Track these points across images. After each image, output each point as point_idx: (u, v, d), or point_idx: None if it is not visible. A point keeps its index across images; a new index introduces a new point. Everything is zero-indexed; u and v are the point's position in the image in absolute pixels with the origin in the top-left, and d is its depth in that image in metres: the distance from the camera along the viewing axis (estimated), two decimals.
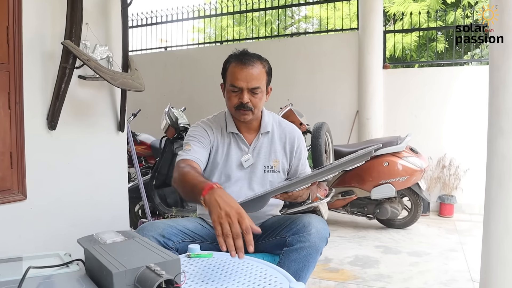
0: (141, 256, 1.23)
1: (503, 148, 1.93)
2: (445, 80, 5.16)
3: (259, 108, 1.84)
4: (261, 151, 1.91)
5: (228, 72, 1.83)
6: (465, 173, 5.01)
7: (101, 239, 1.41)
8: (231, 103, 1.83)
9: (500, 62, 1.93)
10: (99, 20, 2.78)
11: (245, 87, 1.77)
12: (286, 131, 1.97)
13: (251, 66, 1.77)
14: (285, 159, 1.94)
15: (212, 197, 1.37)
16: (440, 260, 3.38)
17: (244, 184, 1.89)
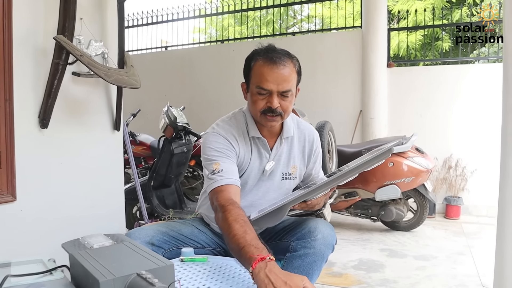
0: (131, 262, 1.13)
1: None
2: (452, 79, 5.05)
3: (288, 113, 1.64)
4: (282, 157, 1.73)
5: (253, 72, 1.59)
6: (472, 174, 4.90)
7: (87, 243, 1.30)
8: (257, 107, 1.59)
9: None
10: (94, 15, 2.69)
11: (275, 90, 1.55)
12: (305, 133, 1.80)
13: (282, 65, 1.55)
14: (302, 164, 1.79)
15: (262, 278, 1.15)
16: (447, 264, 3.26)
17: (260, 192, 1.72)
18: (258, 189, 1.72)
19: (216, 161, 1.58)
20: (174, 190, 3.84)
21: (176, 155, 3.63)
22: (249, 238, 1.29)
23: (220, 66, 6.21)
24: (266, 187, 1.73)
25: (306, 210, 1.65)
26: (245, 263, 1.24)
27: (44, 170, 2.37)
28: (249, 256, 1.23)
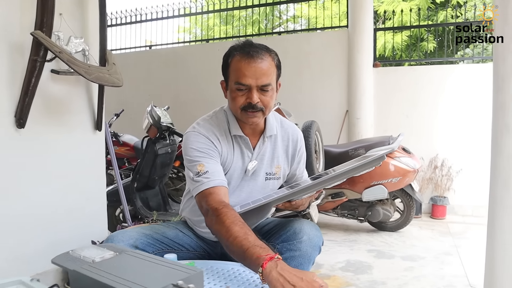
0: (156, 274, 1.01)
1: (509, 145, 1.79)
2: (437, 79, 5.06)
3: (270, 108, 1.56)
4: (265, 157, 1.66)
5: (231, 68, 1.54)
6: (458, 174, 4.91)
7: (84, 257, 1.14)
8: (237, 104, 1.53)
9: (505, 52, 1.79)
10: (74, 11, 2.60)
11: (254, 84, 1.48)
12: (288, 132, 1.73)
13: (260, 59, 1.49)
14: (286, 164, 1.73)
15: (274, 277, 1.12)
16: (435, 264, 3.24)
17: (244, 193, 1.65)
18: (242, 190, 1.65)
19: (200, 162, 1.51)
20: (158, 191, 3.75)
21: (160, 156, 3.54)
22: (252, 239, 1.24)
23: (205, 66, 6.13)
24: (249, 188, 1.65)
25: (290, 210, 1.60)
26: (252, 264, 1.19)
27: (21, 172, 2.28)
28: (256, 256, 1.18)
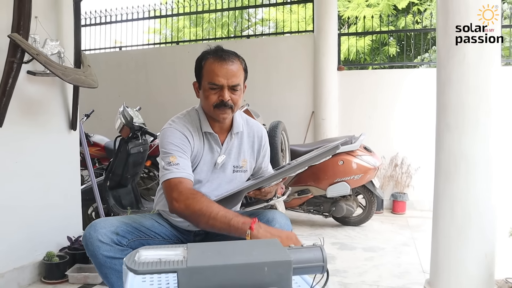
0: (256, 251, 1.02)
1: (450, 143, 2.02)
2: (397, 82, 5.34)
3: (238, 106, 1.74)
4: (232, 151, 1.83)
5: (205, 70, 1.70)
6: (416, 171, 5.20)
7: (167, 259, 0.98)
8: (210, 102, 1.69)
9: (445, 61, 2.02)
10: (50, 14, 2.70)
11: (225, 84, 1.66)
12: (253, 129, 1.91)
13: (231, 62, 1.68)
14: (252, 158, 1.90)
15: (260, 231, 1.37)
16: (393, 254, 3.48)
17: (214, 185, 1.80)
18: (212, 182, 1.81)
19: (173, 154, 1.65)
20: (131, 189, 3.85)
21: (133, 155, 3.64)
22: (232, 212, 1.47)
23: (176, 67, 6.24)
24: (219, 180, 1.82)
25: (259, 197, 1.77)
26: (239, 229, 1.40)
27: None
28: (242, 222, 1.40)
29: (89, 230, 1.58)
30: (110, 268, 1.55)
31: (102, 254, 1.54)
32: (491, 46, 1.94)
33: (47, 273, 2.60)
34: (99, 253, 1.54)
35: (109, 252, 1.54)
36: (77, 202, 2.96)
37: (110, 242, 1.55)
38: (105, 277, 1.58)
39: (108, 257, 1.54)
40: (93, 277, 2.60)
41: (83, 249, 2.80)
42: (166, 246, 1.07)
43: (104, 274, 1.57)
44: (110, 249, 1.55)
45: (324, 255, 1.06)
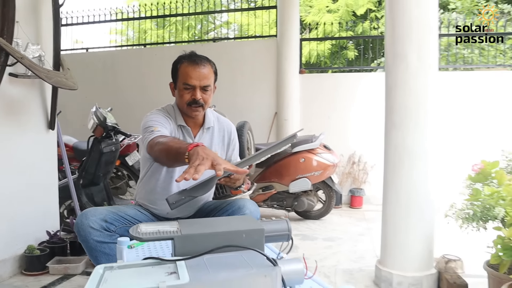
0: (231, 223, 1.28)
1: (396, 139, 2.34)
2: (354, 85, 5.70)
3: (208, 104, 2.00)
4: (204, 144, 2.08)
5: (180, 72, 1.96)
6: (372, 168, 5.56)
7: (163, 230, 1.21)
8: (183, 100, 1.95)
9: (392, 67, 2.34)
10: (30, 19, 2.83)
11: (197, 85, 1.92)
12: (224, 125, 2.18)
13: (202, 66, 1.93)
14: (223, 151, 2.16)
15: (195, 150, 1.48)
16: (350, 243, 3.80)
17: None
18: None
19: (155, 126, 1.88)
20: (103, 187, 3.99)
21: (105, 154, 3.79)
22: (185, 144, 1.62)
23: (143, 69, 6.37)
24: None
25: (229, 184, 1.97)
26: (182, 152, 1.54)
27: None
28: (185, 146, 1.55)
29: (81, 218, 1.77)
30: (100, 252, 1.75)
31: (93, 239, 1.74)
32: (429, 57, 2.27)
33: (28, 266, 2.74)
34: (90, 238, 1.74)
35: (99, 237, 1.75)
36: (55, 198, 3.11)
37: (100, 228, 1.75)
38: (96, 260, 1.78)
39: (99, 242, 1.74)
40: (73, 267, 2.76)
41: (61, 242, 2.96)
42: (159, 222, 1.30)
43: (94, 257, 1.77)
44: (100, 235, 1.75)
45: (289, 226, 1.31)
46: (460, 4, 8.45)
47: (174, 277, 0.97)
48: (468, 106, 5.28)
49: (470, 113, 5.26)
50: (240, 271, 1.00)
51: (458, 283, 2.28)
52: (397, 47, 2.29)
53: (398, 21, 2.27)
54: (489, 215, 1.93)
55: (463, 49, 6.32)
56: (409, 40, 2.25)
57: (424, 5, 2.22)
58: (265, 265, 1.04)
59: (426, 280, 2.37)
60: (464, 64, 6.20)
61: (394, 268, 2.43)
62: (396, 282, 2.40)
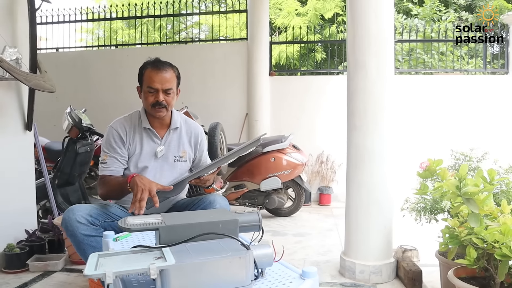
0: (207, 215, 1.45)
1: (356, 139, 2.56)
2: (321, 87, 5.95)
3: (171, 105, 2.19)
4: (172, 144, 2.25)
5: (144, 76, 2.15)
6: (339, 167, 5.80)
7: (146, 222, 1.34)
8: (148, 102, 2.14)
9: (353, 74, 2.55)
10: (6, 22, 2.90)
11: (160, 88, 2.10)
12: (191, 127, 2.35)
13: (164, 71, 2.12)
14: (191, 150, 2.33)
15: (133, 180, 1.83)
16: (319, 237, 4.01)
17: (158, 171, 2.21)
18: (156, 169, 2.22)
19: (105, 154, 2.16)
20: (78, 187, 4.06)
21: (80, 154, 3.87)
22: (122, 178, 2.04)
23: (115, 69, 6.42)
24: (161, 167, 2.23)
25: (200, 185, 2.18)
26: (124, 184, 1.93)
27: None
28: (124, 180, 1.93)
29: (68, 214, 1.90)
30: (88, 245, 1.88)
31: (80, 232, 1.87)
32: (386, 65, 2.49)
33: (8, 264, 2.81)
34: (78, 232, 1.87)
35: (85, 231, 1.88)
36: (32, 198, 3.18)
37: (86, 222, 1.89)
38: (83, 253, 1.91)
39: (85, 235, 1.88)
40: (52, 264, 2.85)
41: (39, 241, 3.04)
42: (144, 215, 1.46)
43: (82, 250, 1.90)
44: (87, 228, 1.88)
45: (260, 217, 1.49)
46: (421, 11, 8.85)
47: (161, 260, 1.13)
48: (427, 108, 5.61)
49: (428, 115, 5.60)
50: (218, 254, 1.17)
51: (414, 270, 2.51)
52: (357, 56, 2.51)
53: (358, 33, 2.49)
54: (437, 208, 2.16)
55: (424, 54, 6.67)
56: (368, 50, 2.47)
57: (381, 19, 2.44)
58: (240, 249, 1.21)
59: (385, 268, 2.60)
60: (425, 68, 6.54)
61: (357, 258, 2.65)
62: (359, 271, 2.62)
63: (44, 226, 3.33)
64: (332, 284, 2.67)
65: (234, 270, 1.16)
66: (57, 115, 5.40)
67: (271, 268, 1.37)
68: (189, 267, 1.11)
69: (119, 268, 1.08)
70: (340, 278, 2.76)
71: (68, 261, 3.01)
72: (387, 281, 2.61)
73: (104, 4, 6.97)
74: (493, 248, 1.74)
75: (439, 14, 8.82)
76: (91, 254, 1.21)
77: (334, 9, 9.51)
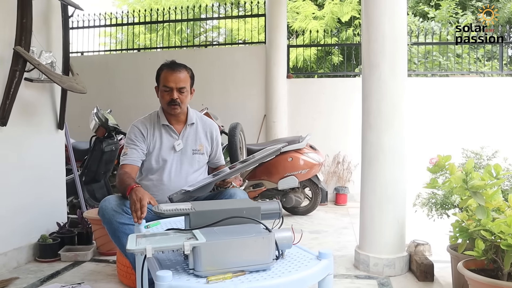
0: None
1: (371, 137, 2.68)
2: (338, 89, 6.06)
3: (185, 103, 2.38)
4: (189, 138, 2.44)
5: (161, 77, 2.35)
6: (356, 168, 5.90)
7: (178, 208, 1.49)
8: (164, 100, 2.34)
9: (367, 75, 2.68)
10: (42, 29, 3.11)
11: (174, 87, 2.30)
12: (206, 123, 2.54)
13: (179, 71, 2.32)
14: (207, 144, 2.51)
15: (131, 193, 1.96)
16: (335, 235, 4.12)
17: (178, 164, 2.40)
18: (176, 162, 2.40)
19: (127, 147, 2.34)
20: (104, 184, 4.27)
21: (106, 153, 4.07)
22: (129, 181, 2.09)
23: (138, 72, 6.63)
24: (180, 160, 2.41)
25: (224, 186, 2.35)
26: (124, 192, 2.04)
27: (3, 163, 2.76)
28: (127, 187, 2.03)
29: (104, 203, 2.07)
30: (122, 232, 2.04)
31: (116, 220, 2.03)
32: (399, 67, 2.61)
33: (41, 253, 3.01)
34: (114, 220, 2.03)
35: (121, 219, 2.04)
36: (63, 192, 3.38)
37: (121, 211, 2.05)
38: (118, 239, 2.06)
39: (120, 223, 2.03)
40: (82, 255, 3.03)
41: (70, 233, 3.23)
42: (175, 203, 1.61)
43: (117, 237, 2.06)
44: (122, 217, 2.04)
45: (280, 206, 1.63)
46: (437, 13, 8.88)
47: (193, 240, 1.28)
48: (442, 110, 5.67)
49: (444, 116, 5.66)
50: (243, 235, 1.31)
51: (426, 263, 2.61)
52: (371, 57, 2.64)
53: (372, 35, 2.62)
54: (448, 203, 2.26)
55: (440, 57, 6.73)
56: (382, 52, 2.59)
57: (394, 22, 2.56)
58: (262, 232, 1.35)
59: (398, 261, 2.71)
60: (441, 70, 6.60)
61: (371, 252, 2.76)
62: (373, 264, 2.73)
63: (73, 220, 3.52)
64: (347, 276, 2.79)
65: (258, 249, 1.30)
66: (82, 117, 5.64)
67: (289, 251, 1.50)
68: (218, 245, 1.25)
69: (157, 244, 1.23)
70: (354, 271, 2.88)
71: (96, 252, 3.19)
72: (400, 274, 2.72)
73: (125, 10, 7.18)
74: (500, 240, 1.84)
75: (455, 17, 8.84)
76: (130, 235, 1.36)
77: (351, 12, 9.59)
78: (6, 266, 2.77)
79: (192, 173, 2.42)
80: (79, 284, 2.55)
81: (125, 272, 2.56)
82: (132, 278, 2.48)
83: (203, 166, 2.52)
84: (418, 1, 9.94)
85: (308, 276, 1.30)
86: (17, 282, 2.61)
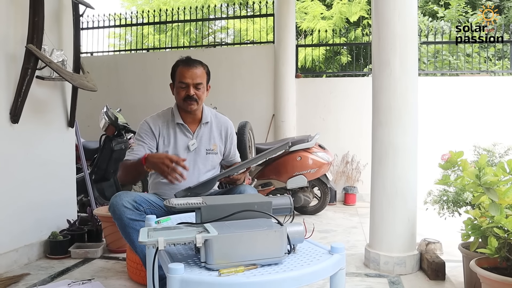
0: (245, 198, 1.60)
1: (381, 134, 2.67)
2: (346, 89, 6.04)
3: (202, 99, 2.34)
4: (203, 137, 2.41)
5: (177, 73, 2.32)
6: (365, 167, 5.87)
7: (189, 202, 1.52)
8: (180, 96, 2.30)
9: (378, 73, 2.66)
10: (53, 27, 3.13)
11: (191, 83, 2.26)
12: (221, 121, 2.50)
13: (195, 67, 2.29)
14: (221, 143, 2.48)
15: (148, 161, 2.05)
16: (344, 234, 4.11)
17: (191, 163, 2.36)
18: (190, 161, 2.36)
19: (134, 142, 2.34)
20: (113, 183, 4.29)
21: (116, 151, 4.09)
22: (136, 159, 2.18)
23: (147, 72, 6.67)
24: (194, 160, 2.38)
25: (230, 183, 2.33)
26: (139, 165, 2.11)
27: (13, 160, 2.78)
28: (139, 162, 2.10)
29: (115, 199, 2.07)
30: (132, 228, 2.04)
31: (127, 216, 2.03)
32: (409, 64, 2.60)
33: (52, 250, 3.03)
34: (124, 216, 2.03)
35: (131, 215, 2.04)
36: (73, 190, 3.39)
37: (132, 207, 2.05)
38: (128, 235, 2.06)
39: (131, 219, 2.04)
40: (92, 252, 3.05)
41: (80, 230, 3.25)
42: (187, 197, 1.61)
43: (127, 233, 2.06)
44: (132, 213, 2.05)
45: (291, 201, 1.62)
46: (447, 13, 8.83)
47: (205, 233, 1.28)
48: (452, 109, 5.63)
49: (454, 115, 5.61)
50: (255, 228, 1.31)
51: (437, 261, 2.59)
52: (382, 55, 2.62)
53: (383, 33, 2.60)
54: (460, 201, 2.24)
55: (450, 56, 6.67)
56: (392, 49, 2.58)
57: (404, 19, 2.55)
58: (274, 225, 1.35)
59: (409, 259, 2.69)
60: (451, 69, 6.55)
61: (381, 250, 2.74)
62: (383, 262, 2.72)
63: (83, 218, 3.54)
64: (357, 274, 2.78)
65: (270, 243, 1.29)
66: (91, 116, 5.68)
67: (301, 245, 1.49)
68: (230, 238, 1.25)
69: (169, 236, 1.23)
70: (365, 269, 2.86)
71: (106, 250, 3.20)
72: (411, 273, 2.70)
73: (134, 11, 7.22)
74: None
75: (465, 16, 8.78)
76: (142, 228, 1.36)
77: (360, 12, 9.57)
78: (17, 263, 2.79)
79: (205, 173, 2.39)
80: (89, 280, 2.56)
81: (135, 269, 2.57)
82: (142, 275, 2.49)
83: (216, 166, 2.49)
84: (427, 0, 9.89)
85: (320, 270, 1.30)
86: (28, 278, 2.63)
